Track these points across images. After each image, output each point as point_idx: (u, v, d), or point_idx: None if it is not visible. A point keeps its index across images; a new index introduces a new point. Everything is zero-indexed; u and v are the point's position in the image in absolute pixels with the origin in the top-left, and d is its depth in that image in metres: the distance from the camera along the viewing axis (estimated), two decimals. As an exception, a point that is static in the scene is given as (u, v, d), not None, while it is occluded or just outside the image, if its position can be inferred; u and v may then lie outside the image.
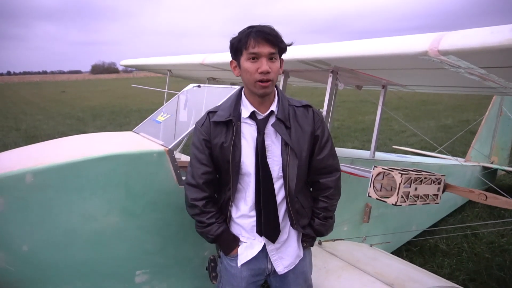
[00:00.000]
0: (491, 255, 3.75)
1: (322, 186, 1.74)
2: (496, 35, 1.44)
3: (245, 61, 1.50)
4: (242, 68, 1.52)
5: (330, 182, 1.74)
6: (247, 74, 1.51)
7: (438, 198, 2.35)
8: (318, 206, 1.75)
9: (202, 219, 1.66)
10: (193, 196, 1.65)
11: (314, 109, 1.70)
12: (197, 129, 1.67)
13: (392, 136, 9.93)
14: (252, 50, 1.46)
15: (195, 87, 2.72)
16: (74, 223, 1.80)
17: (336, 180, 1.77)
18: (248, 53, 1.47)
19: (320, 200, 1.75)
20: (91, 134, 2.41)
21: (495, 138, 5.65)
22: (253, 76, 1.49)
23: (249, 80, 1.52)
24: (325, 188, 1.74)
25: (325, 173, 1.73)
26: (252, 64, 1.48)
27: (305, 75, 2.98)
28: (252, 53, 1.47)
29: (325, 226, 1.77)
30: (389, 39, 1.94)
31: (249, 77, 1.51)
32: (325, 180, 1.73)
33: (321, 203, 1.74)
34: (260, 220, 1.65)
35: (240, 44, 1.49)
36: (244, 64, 1.51)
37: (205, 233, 1.68)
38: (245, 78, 1.54)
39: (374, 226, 3.23)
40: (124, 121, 13.14)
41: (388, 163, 3.32)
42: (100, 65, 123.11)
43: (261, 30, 1.47)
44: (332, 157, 1.74)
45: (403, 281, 2.31)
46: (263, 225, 1.64)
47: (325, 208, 1.74)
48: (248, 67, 1.49)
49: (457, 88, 3.06)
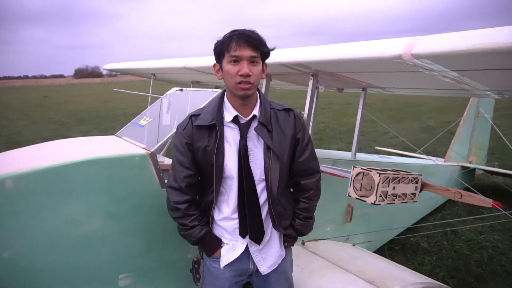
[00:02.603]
0: (469, 252, 3.87)
1: (303, 187, 1.78)
2: (466, 40, 1.51)
3: (227, 63, 1.52)
4: (224, 70, 1.55)
5: (311, 184, 1.78)
6: (228, 76, 1.53)
7: (416, 196, 2.42)
8: (299, 206, 1.79)
9: (185, 222, 1.67)
10: (176, 199, 1.66)
11: (295, 113, 1.74)
12: (179, 133, 1.67)
13: (376, 138, 10.10)
14: (234, 53, 1.49)
15: (178, 90, 2.73)
16: (57, 228, 1.79)
17: (317, 181, 1.81)
18: (229, 56, 1.50)
19: (301, 201, 1.79)
20: (74, 139, 2.41)
21: (473, 139, 5.81)
22: (234, 79, 1.52)
23: (230, 82, 1.54)
24: (306, 189, 1.78)
25: (306, 175, 1.78)
26: (233, 67, 1.51)
27: (287, 78, 3.03)
28: (234, 55, 1.49)
29: (306, 226, 1.81)
30: (366, 43, 2.00)
31: (230, 79, 1.53)
32: (306, 181, 1.77)
33: (302, 204, 1.78)
34: (243, 222, 1.67)
35: (222, 47, 1.52)
36: (225, 66, 1.53)
37: (187, 235, 1.70)
38: (227, 80, 1.56)
39: (357, 226, 3.29)
40: (109, 126, 12.99)
41: (369, 164, 3.39)
42: (84, 69, 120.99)
43: (243, 33, 1.50)
44: (313, 160, 1.79)
45: (384, 279, 2.36)
46: (248, 228, 1.67)
47: (305, 208, 1.79)
48: (229, 70, 1.52)
49: (434, 90, 3.15)
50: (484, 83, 2.35)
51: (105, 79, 79.13)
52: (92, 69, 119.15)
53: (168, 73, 4.39)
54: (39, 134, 11.48)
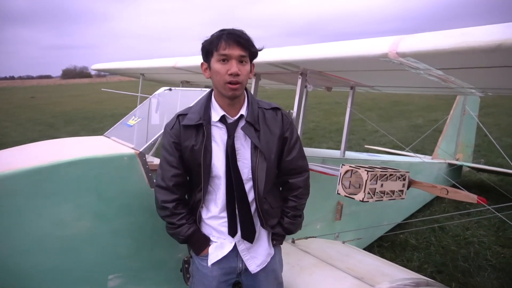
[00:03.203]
0: (456, 248, 3.94)
1: (292, 186, 1.79)
2: (449, 38, 1.55)
3: (216, 62, 1.52)
4: (212, 69, 1.54)
5: (300, 182, 1.79)
6: (217, 75, 1.53)
7: (403, 193, 2.46)
8: (287, 205, 1.79)
9: (173, 221, 1.68)
10: (163, 198, 1.67)
11: (283, 112, 1.74)
12: (166, 132, 1.68)
13: (366, 136, 10.20)
14: (223, 51, 1.48)
15: (167, 90, 2.73)
16: (43, 229, 1.77)
17: (305, 180, 1.82)
18: (218, 55, 1.50)
19: (289, 200, 1.79)
20: (61, 139, 2.38)
21: (460, 136, 5.91)
22: (222, 78, 1.51)
23: (219, 81, 1.54)
24: (295, 188, 1.79)
25: (295, 173, 1.78)
26: (222, 66, 1.50)
27: (276, 77, 3.05)
28: (223, 54, 1.49)
29: (294, 224, 1.81)
30: (353, 42, 2.03)
31: (219, 78, 1.53)
32: (294, 180, 1.78)
33: (290, 203, 1.79)
34: (233, 221, 1.68)
35: (211, 46, 1.52)
36: (214, 65, 1.53)
37: (176, 234, 1.70)
38: (215, 79, 1.55)
39: (346, 224, 3.32)
40: (97, 127, 12.85)
41: (358, 162, 3.43)
42: (72, 70, 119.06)
43: (232, 32, 1.50)
44: (301, 158, 1.79)
45: (373, 275, 2.39)
46: (240, 227, 1.68)
47: (294, 207, 1.79)
48: (218, 69, 1.51)
49: (420, 88, 3.20)
50: (468, 81, 2.40)
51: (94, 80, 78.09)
52: (80, 69, 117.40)
53: (157, 73, 4.37)
54: (25, 135, 11.29)
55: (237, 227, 1.69)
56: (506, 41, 1.34)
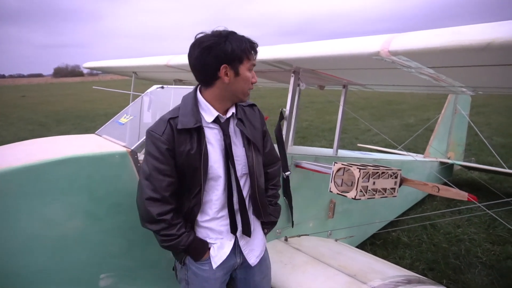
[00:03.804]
0: (448, 245, 3.97)
1: (270, 175, 1.92)
2: (440, 37, 1.56)
3: (246, 70, 1.56)
4: (242, 76, 1.54)
5: (275, 171, 1.96)
6: (245, 82, 1.57)
7: (395, 191, 2.47)
8: (269, 194, 1.91)
9: (171, 232, 1.59)
10: (159, 211, 1.56)
11: (257, 107, 1.83)
12: (155, 138, 1.55)
13: (359, 135, 10.25)
14: (253, 61, 1.58)
15: (159, 88, 2.71)
16: (34, 229, 1.75)
17: (279, 169, 2.02)
18: (250, 64, 1.56)
19: (270, 189, 1.92)
20: (51, 137, 2.36)
21: (451, 135, 5.97)
22: (247, 85, 1.59)
23: (243, 88, 1.59)
24: (272, 177, 1.94)
25: (271, 163, 1.92)
26: (250, 74, 1.58)
27: (269, 75, 3.05)
28: (253, 64, 1.58)
29: (276, 211, 1.94)
30: (345, 40, 2.04)
31: (243, 85, 1.58)
32: (272, 170, 1.93)
33: (271, 191, 1.92)
34: (233, 219, 1.69)
35: (244, 53, 1.52)
36: (245, 73, 1.55)
37: (175, 245, 1.61)
38: (240, 85, 1.57)
39: (339, 221, 3.34)
40: (90, 126, 12.74)
41: (350, 160, 3.44)
42: (64, 68, 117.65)
43: (254, 42, 1.57)
44: (273, 148, 1.95)
45: (365, 273, 2.40)
46: (241, 223, 1.71)
47: (273, 195, 1.94)
48: (248, 77, 1.58)
49: (412, 87, 3.23)
50: (458, 79, 2.42)
51: (86, 78, 77.31)
52: (72, 68, 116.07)
53: (150, 71, 4.34)
54: (16, 135, 11.15)
55: (237, 224, 1.71)
56: (496, 40, 1.35)
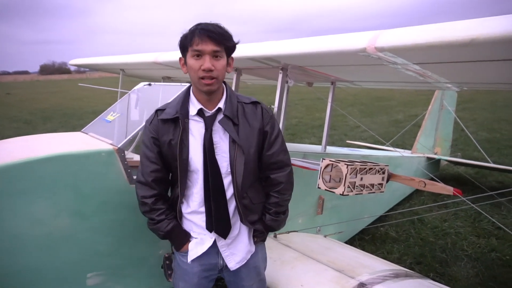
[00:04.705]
0: (435, 239, 4.04)
1: (273, 181, 1.75)
2: (425, 33, 1.58)
3: (190, 58, 1.53)
4: (188, 65, 1.55)
5: (281, 177, 1.75)
6: (192, 71, 1.54)
7: (383, 187, 2.50)
8: (269, 201, 1.76)
9: (152, 216, 1.68)
10: (143, 194, 1.67)
11: (263, 106, 1.73)
12: (146, 127, 1.68)
13: (348, 132, 10.33)
14: (196, 47, 1.49)
15: (146, 85, 2.69)
16: (19, 228, 1.73)
17: (287, 175, 1.77)
18: (192, 50, 1.51)
19: (271, 196, 1.76)
20: (36, 135, 2.32)
21: (438, 131, 6.05)
22: (196, 73, 1.52)
23: (193, 77, 1.55)
24: (276, 183, 1.75)
25: (276, 168, 1.74)
26: (196, 61, 1.51)
27: (257, 72, 3.04)
28: (196, 50, 1.50)
29: (277, 221, 1.78)
30: (332, 36, 2.04)
31: (193, 74, 1.54)
32: (275, 175, 1.74)
33: (272, 199, 1.76)
34: (210, 216, 1.65)
35: (186, 41, 1.52)
36: (189, 61, 1.54)
37: (155, 229, 1.70)
38: (191, 75, 1.56)
39: (328, 217, 3.36)
40: (77, 124, 12.53)
41: (339, 156, 3.46)
42: (50, 65, 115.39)
43: (205, 28, 1.49)
44: (283, 153, 1.76)
45: (353, 267, 2.43)
46: (214, 221, 1.65)
47: (276, 203, 1.75)
48: (192, 64, 1.52)
49: (399, 83, 3.25)
50: (444, 75, 2.45)
51: (73, 76, 76.01)
52: (59, 65, 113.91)
53: (138, 69, 4.30)
54: (1, 133, 10.94)
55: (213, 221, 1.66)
56: (479, 36, 1.37)
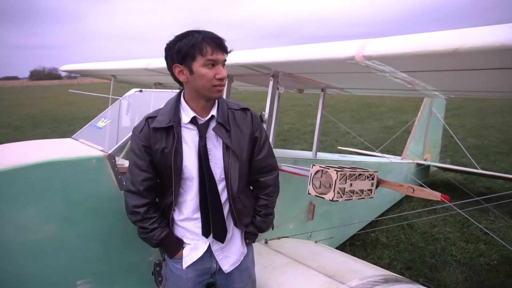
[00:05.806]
0: (424, 244, 4.09)
1: (262, 184, 1.82)
2: (411, 42, 1.62)
3: (201, 67, 1.52)
4: (197, 73, 1.54)
5: (270, 180, 1.82)
6: (204, 79, 1.54)
7: (372, 192, 2.52)
8: (259, 204, 1.83)
9: (145, 225, 1.66)
10: (134, 203, 1.65)
11: (252, 112, 1.77)
12: (135, 135, 1.66)
13: (339, 138, 10.41)
14: (211, 57, 1.51)
15: (137, 91, 2.69)
16: (8, 235, 1.71)
17: (275, 178, 1.85)
18: (206, 60, 1.51)
19: (261, 198, 1.82)
20: (26, 142, 2.30)
21: (427, 137, 6.14)
22: (211, 82, 1.54)
23: (205, 85, 1.55)
24: (265, 186, 1.82)
25: (265, 172, 1.81)
26: (209, 70, 1.52)
27: (248, 79, 3.07)
28: (211, 60, 1.51)
29: (266, 222, 1.85)
30: (322, 44, 2.07)
31: (205, 82, 1.54)
32: (265, 178, 1.81)
33: (262, 201, 1.82)
34: (206, 222, 1.68)
35: (193, 50, 1.51)
36: (200, 70, 1.53)
37: (148, 238, 1.69)
38: (200, 83, 1.55)
39: (319, 223, 3.38)
40: (68, 129, 12.44)
41: (329, 162, 3.49)
42: (40, 71, 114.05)
43: (216, 37, 1.52)
44: (271, 157, 1.83)
45: (344, 273, 2.44)
46: (212, 227, 1.68)
47: (265, 205, 1.82)
48: (206, 73, 1.53)
49: (388, 90, 3.30)
50: (431, 83, 2.50)
51: (64, 81, 75.26)
52: (50, 70, 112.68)
53: (129, 75, 4.29)
54: (-11, 139, 10.79)
55: (211, 227, 1.69)
56: (463, 46, 1.41)
